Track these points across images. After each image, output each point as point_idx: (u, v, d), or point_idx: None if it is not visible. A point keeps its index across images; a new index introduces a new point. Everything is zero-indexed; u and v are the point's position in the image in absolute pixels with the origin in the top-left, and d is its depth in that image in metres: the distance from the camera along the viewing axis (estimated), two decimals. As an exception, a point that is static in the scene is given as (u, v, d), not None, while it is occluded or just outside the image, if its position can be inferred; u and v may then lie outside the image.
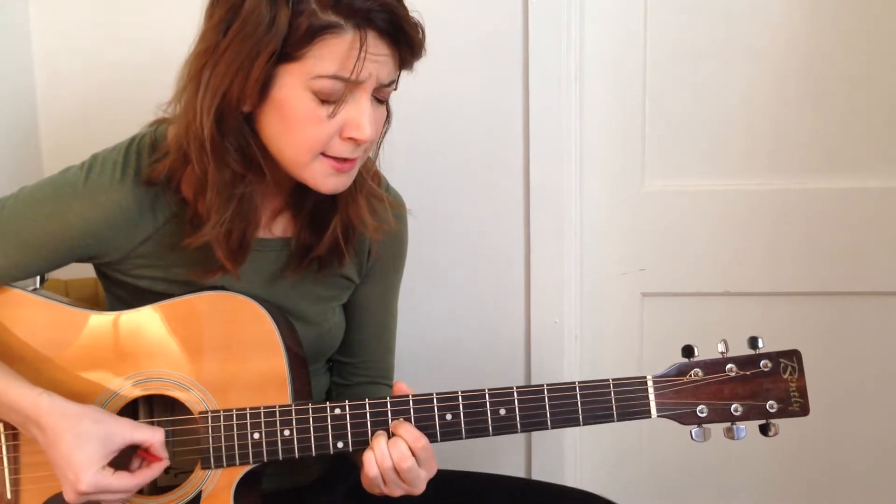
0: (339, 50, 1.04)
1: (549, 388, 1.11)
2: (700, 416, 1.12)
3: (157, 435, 1.12)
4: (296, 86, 1.05)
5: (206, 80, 1.06)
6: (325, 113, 1.07)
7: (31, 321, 1.19)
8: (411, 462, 1.11)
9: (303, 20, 1.02)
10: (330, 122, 1.07)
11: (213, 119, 1.07)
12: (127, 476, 1.09)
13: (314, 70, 1.04)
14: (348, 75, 1.05)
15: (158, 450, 1.12)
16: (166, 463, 1.13)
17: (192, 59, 1.09)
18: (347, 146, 1.10)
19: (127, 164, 1.17)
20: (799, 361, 1.12)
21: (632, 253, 1.79)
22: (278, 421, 1.14)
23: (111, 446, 1.09)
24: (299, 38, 1.03)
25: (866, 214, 1.71)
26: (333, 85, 1.05)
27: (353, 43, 1.04)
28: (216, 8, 1.07)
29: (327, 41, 1.03)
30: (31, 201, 1.17)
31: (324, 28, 1.02)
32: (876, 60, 1.66)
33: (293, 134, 1.08)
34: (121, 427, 1.10)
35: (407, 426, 1.12)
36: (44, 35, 1.76)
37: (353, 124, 1.08)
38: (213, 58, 1.06)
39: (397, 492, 1.14)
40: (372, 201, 1.24)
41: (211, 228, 1.13)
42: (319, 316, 1.29)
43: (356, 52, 1.04)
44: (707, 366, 1.12)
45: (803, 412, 1.12)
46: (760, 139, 1.72)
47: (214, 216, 1.13)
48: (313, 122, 1.07)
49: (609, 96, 1.74)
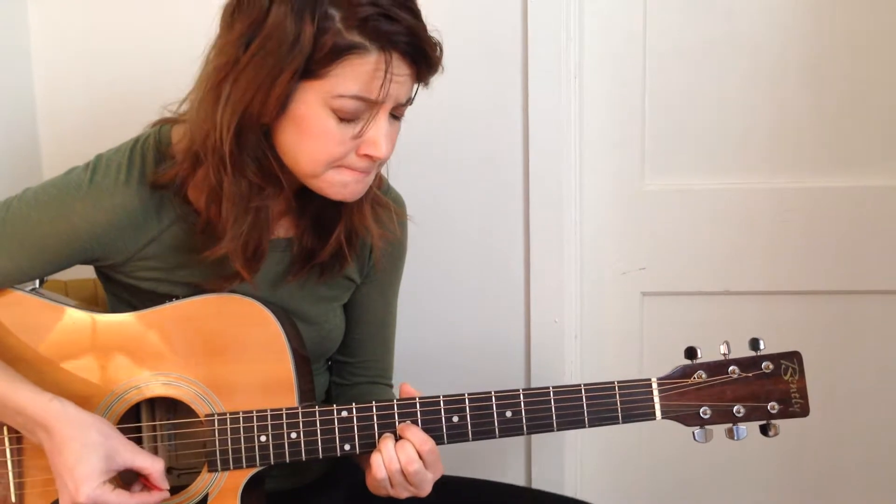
0: (363, 71, 1.04)
1: (555, 391, 1.12)
2: (703, 418, 1.13)
3: (156, 465, 1.11)
4: (315, 103, 1.05)
5: (227, 95, 1.06)
6: (344, 131, 1.07)
7: (35, 323, 1.18)
8: (418, 465, 1.11)
9: (328, 39, 1.02)
10: (348, 141, 1.08)
11: (233, 134, 1.07)
12: (126, 495, 1.08)
13: (336, 89, 1.04)
14: (372, 96, 1.05)
15: (157, 480, 1.11)
16: (165, 495, 1.12)
17: (212, 71, 1.09)
18: (363, 162, 1.10)
19: (132, 166, 1.16)
20: (799, 363, 1.13)
21: (632, 252, 1.79)
22: (285, 424, 1.14)
23: (113, 464, 1.08)
24: (323, 57, 1.02)
25: (866, 213, 1.71)
26: (354, 105, 1.06)
27: (377, 64, 1.04)
28: (236, 20, 1.06)
29: (351, 62, 1.03)
30: (36, 203, 1.16)
31: (349, 48, 1.02)
32: (876, 59, 1.66)
33: (310, 148, 1.08)
34: (125, 448, 1.10)
35: (414, 429, 1.12)
36: (43, 36, 1.75)
37: (370, 143, 1.08)
38: (234, 72, 1.05)
39: (403, 494, 1.14)
40: (377, 209, 1.24)
41: (229, 241, 1.13)
42: (321, 317, 1.29)
43: (381, 73, 1.04)
44: (710, 368, 1.13)
45: (803, 413, 1.14)
46: (760, 138, 1.72)
47: (231, 229, 1.13)
48: (331, 139, 1.07)
49: (609, 95, 1.74)
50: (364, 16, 1.02)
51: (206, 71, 1.10)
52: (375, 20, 1.02)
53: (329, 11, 1.02)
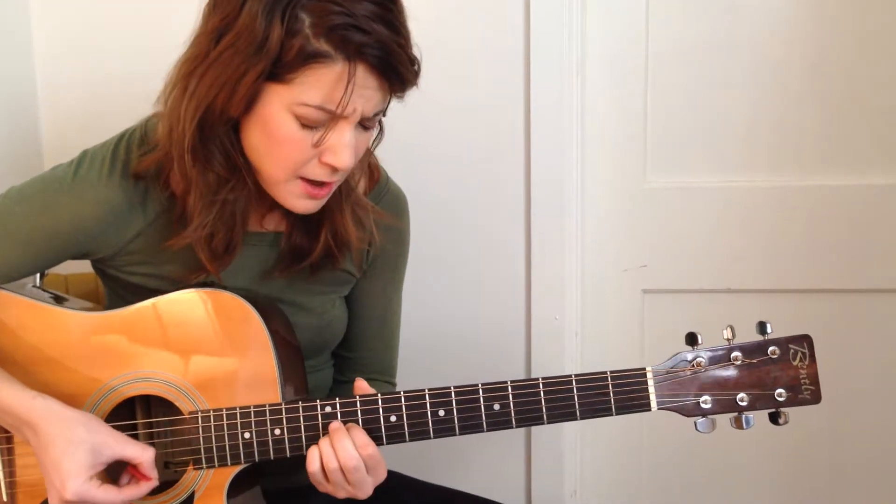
0: (327, 80, 1.02)
1: (545, 382, 1.09)
2: (703, 408, 1.08)
3: (146, 454, 1.10)
4: (280, 107, 1.04)
5: (193, 88, 1.05)
6: (305, 137, 1.06)
7: (20, 323, 1.18)
8: (357, 462, 1.09)
9: (295, 42, 1.00)
10: (310, 148, 1.06)
11: (195, 127, 1.06)
12: (113, 490, 1.07)
13: (300, 97, 1.03)
14: (333, 108, 1.03)
15: (147, 469, 1.10)
16: (154, 483, 1.11)
17: (182, 62, 1.08)
18: (325, 170, 1.09)
19: (115, 159, 1.16)
20: (810, 347, 1.08)
21: (633, 249, 1.78)
22: (268, 420, 1.12)
23: (100, 457, 1.07)
24: (289, 62, 1.01)
25: (868, 211, 1.71)
26: (317, 114, 1.04)
27: (340, 75, 1.02)
28: (212, 14, 1.05)
29: (316, 70, 1.01)
30: (21, 198, 1.17)
31: (313, 56, 1.00)
32: (878, 57, 1.66)
33: (272, 151, 1.07)
34: (112, 440, 1.09)
35: (358, 430, 1.10)
36: (45, 35, 1.76)
37: (332, 151, 1.07)
38: (202, 66, 1.05)
39: (341, 494, 1.12)
40: (357, 212, 1.22)
41: (193, 231, 1.13)
42: (319, 307, 1.28)
43: (343, 85, 1.02)
44: (710, 354, 1.09)
45: (815, 400, 1.08)
46: (762, 135, 1.72)
47: (197, 219, 1.13)
48: (293, 145, 1.06)
49: (611, 92, 1.74)
50: (333, 24, 1.00)
51: (180, 60, 1.09)
52: (344, 30, 1.00)
53: (300, 15, 1.00)
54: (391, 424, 1.11)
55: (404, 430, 1.11)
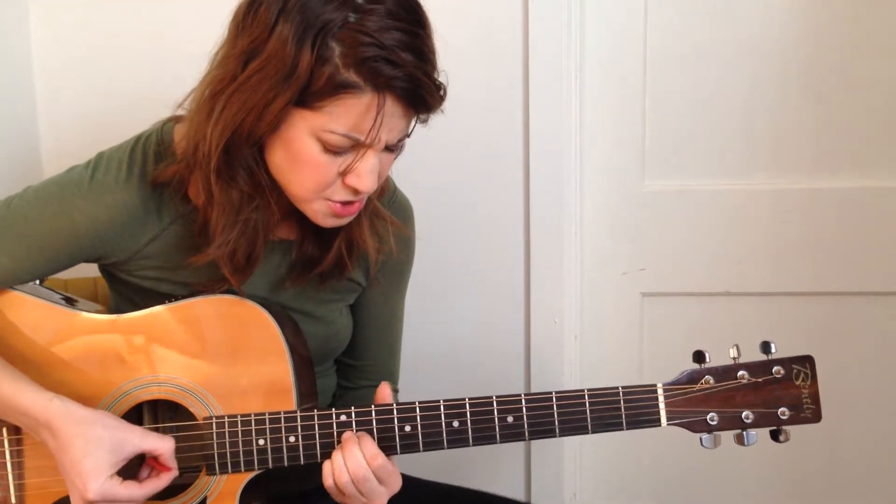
0: (355, 111, 1.02)
1: (558, 396, 1.10)
2: (710, 424, 1.10)
3: (166, 444, 1.10)
4: (305, 131, 1.04)
5: (219, 111, 1.05)
6: (329, 162, 1.06)
7: (36, 324, 1.18)
8: (366, 472, 1.10)
9: (325, 70, 0.99)
10: (333, 173, 1.07)
11: (221, 150, 1.06)
12: (135, 486, 1.08)
13: (327, 125, 1.03)
14: (360, 137, 1.04)
15: (167, 459, 1.11)
16: (175, 473, 1.11)
17: (209, 83, 1.08)
18: (349, 192, 1.09)
19: (133, 163, 1.16)
20: (812, 367, 1.11)
21: (632, 252, 1.79)
22: (283, 427, 1.13)
23: (121, 454, 1.07)
24: (318, 90, 1.01)
25: (867, 214, 1.71)
26: (343, 141, 1.04)
27: (369, 107, 1.02)
28: (241, 35, 1.05)
29: (345, 100, 1.01)
30: (37, 201, 1.16)
31: (343, 86, 1.00)
32: (877, 59, 1.67)
33: (297, 173, 1.08)
34: (131, 435, 1.09)
35: (368, 441, 1.11)
36: (44, 35, 1.75)
37: (355, 175, 1.07)
38: (230, 89, 1.04)
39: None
40: (375, 221, 1.23)
41: (216, 248, 1.13)
42: (327, 316, 1.28)
43: (372, 116, 1.02)
44: (718, 373, 1.11)
45: (815, 419, 1.11)
46: (761, 138, 1.72)
47: (220, 237, 1.13)
48: (316, 168, 1.06)
49: (609, 95, 1.74)
50: (364, 56, 0.99)
51: (206, 79, 1.09)
52: (375, 62, 0.99)
53: (330, 43, 0.99)
54: (405, 434, 1.12)
55: (418, 440, 1.12)
